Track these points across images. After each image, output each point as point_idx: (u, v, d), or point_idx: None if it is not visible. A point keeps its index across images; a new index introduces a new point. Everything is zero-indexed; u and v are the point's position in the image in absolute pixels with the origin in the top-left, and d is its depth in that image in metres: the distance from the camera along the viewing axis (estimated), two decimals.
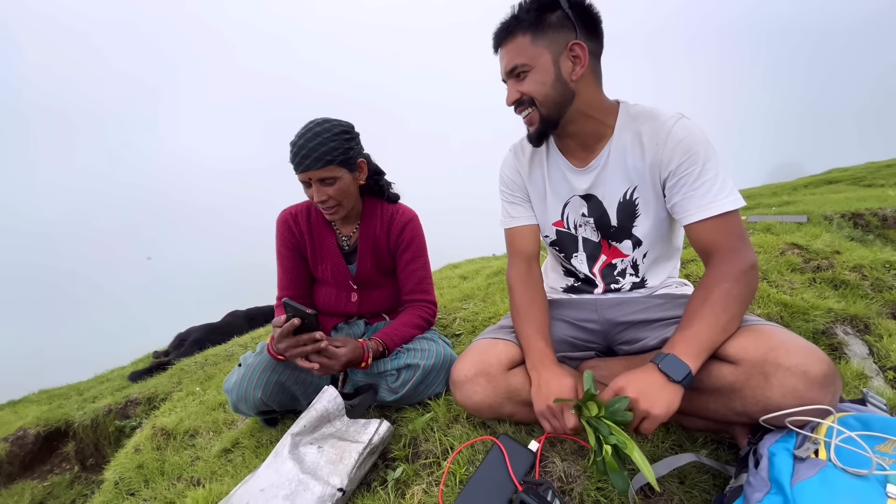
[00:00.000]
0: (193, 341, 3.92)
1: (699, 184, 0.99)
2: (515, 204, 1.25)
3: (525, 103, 1.05)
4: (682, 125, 1.01)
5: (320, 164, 1.26)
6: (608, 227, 1.14)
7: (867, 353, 1.46)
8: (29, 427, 3.11)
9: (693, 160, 0.99)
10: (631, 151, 1.07)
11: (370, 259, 1.50)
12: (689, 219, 1.01)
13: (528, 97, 1.04)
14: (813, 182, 8.14)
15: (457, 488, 1.04)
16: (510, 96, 1.06)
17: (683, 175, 1.00)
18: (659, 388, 0.85)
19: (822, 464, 0.75)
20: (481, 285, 2.72)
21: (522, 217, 1.25)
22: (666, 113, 1.04)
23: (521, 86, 1.03)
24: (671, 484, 0.99)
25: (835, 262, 1.98)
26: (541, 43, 1.00)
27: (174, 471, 1.53)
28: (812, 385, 0.80)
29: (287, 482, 1.04)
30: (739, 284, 0.93)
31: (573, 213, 1.18)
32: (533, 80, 1.02)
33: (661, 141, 1.02)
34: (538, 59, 1.01)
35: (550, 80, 1.02)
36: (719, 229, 0.98)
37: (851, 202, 4.14)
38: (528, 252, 1.24)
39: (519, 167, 1.23)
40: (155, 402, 2.82)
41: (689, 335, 0.90)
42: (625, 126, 1.08)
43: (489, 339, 1.18)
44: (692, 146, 0.99)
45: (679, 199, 1.02)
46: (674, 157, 1.00)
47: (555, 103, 1.03)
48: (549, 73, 1.01)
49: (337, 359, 1.23)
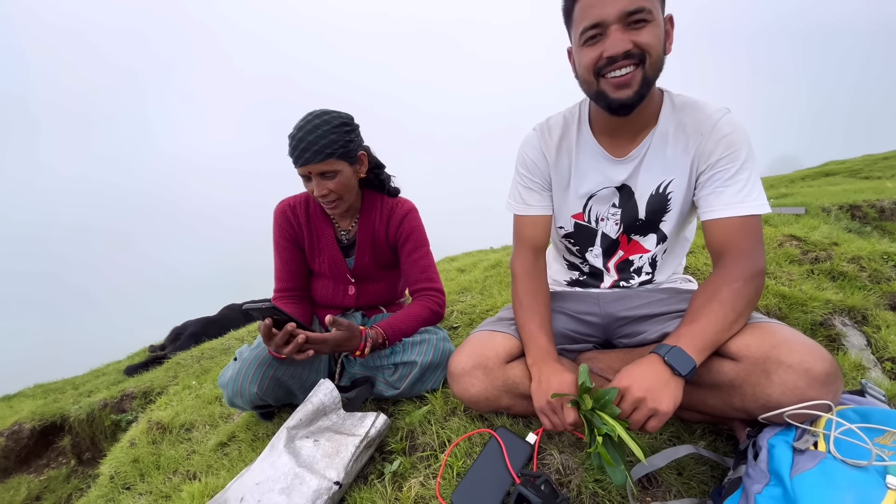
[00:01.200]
0: (189, 335, 3.90)
1: (733, 181, 0.96)
2: (533, 190, 1.17)
3: (634, 57, 0.88)
4: (728, 119, 0.98)
5: (320, 158, 1.23)
6: (634, 221, 1.10)
7: (865, 344, 1.46)
8: (24, 421, 3.10)
9: (734, 157, 0.96)
10: (673, 142, 1.03)
11: (368, 253, 1.48)
12: (713, 214, 0.98)
13: (642, 51, 0.88)
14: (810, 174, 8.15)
15: (454, 481, 1.04)
16: (620, 44, 0.87)
17: (721, 170, 0.97)
18: (664, 383, 0.83)
19: (822, 455, 0.75)
20: (479, 278, 2.71)
21: (538, 206, 1.17)
22: (712, 105, 1.01)
23: (637, 35, 0.87)
24: (669, 475, 0.99)
25: (833, 254, 1.97)
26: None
27: (170, 464, 1.52)
28: (813, 383, 0.79)
29: (283, 476, 1.03)
30: (749, 287, 0.92)
31: (599, 205, 1.12)
32: (652, 32, 0.88)
33: (706, 132, 0.99)
34: (657, 14, 0.89)
35: (662, 40, 0.91)
36: (740, 230, 0.95)
37: (849, 194, 4.14)
38: (538, 243, 1.19)
39: (545, 150, 1.13)
40: (151, 396, 2.81)
41: (695, 329, 0.88)
42: (669, 115, 1.03)
43: (487, 332, 1.17)
44: (736, 142, 0.96)
45: (708, 192, 0.99)
46: (716, 149, 0.97)
47: (659, 68, 0.92)
48: (662, 32, 0.91)
49: (325, 342, 1.19)
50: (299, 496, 1.00)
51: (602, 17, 0.87)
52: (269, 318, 1.13)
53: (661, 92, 1.05)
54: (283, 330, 1.13)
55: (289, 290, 1.50)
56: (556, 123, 1.13)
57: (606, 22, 0.87)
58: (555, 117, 1.15)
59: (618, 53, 0.88)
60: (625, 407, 0.84)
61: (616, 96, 0.92)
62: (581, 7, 0.91)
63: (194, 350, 3.31)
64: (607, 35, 0.88)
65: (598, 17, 0.88)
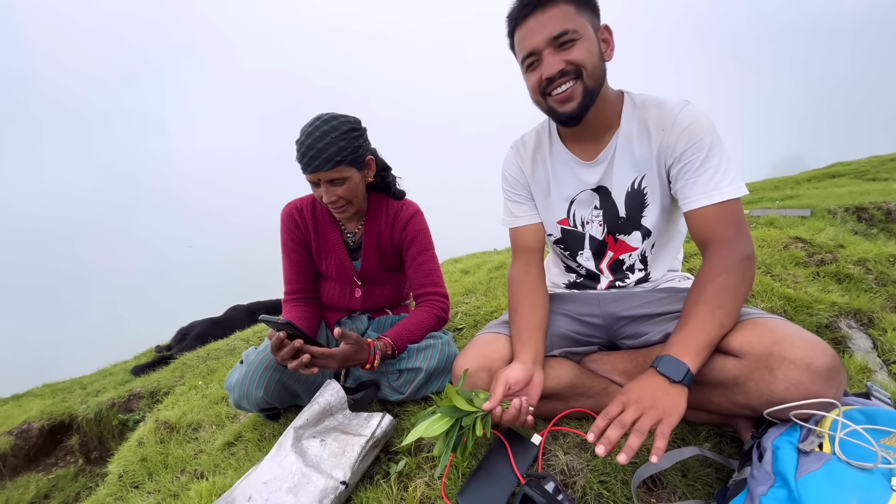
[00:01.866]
0: (195, 335, 3.93)
1: (703, 170, 0.98)
2: (518, 203, 1.24)
3: (570, 74, 0.97)
4: (688, 111, 1.00)
5: (330, 166, 1.22)
6: (616, 220, 1.13)
7: (871, 347, 1.46)
8: (33, 420, 3.13)
9: (698, 146, 0.98)
10: (637, 140, 1.06)
11: (374, 255, 1.48)
12: (689, 205, 1.00)
13: (576, 66, 0.96)
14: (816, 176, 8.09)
15: (459, 481, 1.04)
16: (553, 66, 0.96)
17: (688, 161, 0.99)
18: (663, 392, 0.84)
19: (827, 457, 0.75)
20: (483, 279, 2.71)
21: (525, 216, 1.23)
22: (672, 100, 1.04)
23: (568, 54, 0.96)
24: (674, 477, 0.99)
25: (839, 256, 1.96)
26: (584, 16, 0.97)
27: (178, 464, 1.53)
28: (816, 378, 0.80)
29: (290, 475, 1.04)
30: (733, 276, 0.92)
31: (581, 209, 1.17)
32: (582, 48, 0.96)
33: (667, 126, 1.01)
34: (585, 29, 0.97)
35: (596, 53, 0.98)
36: (718, 218, 0.97)
37: (855, 196, 4.12)
38: (531, 250, 1.23)
39: (521, 164, 1.21)
40: (158, 396, 2.83)
41: (684, 335, 0.90)
42: (631, 115, 1.07)
43: (491, 334, 1.18)
44: (698, 132, 0.98)
45: (682, 184, 1.02)
46: (679, 142, 1.00)
47: (599, 77, 1.00)
48: (595, 46, 0.98)
49: (332, 357, 1.19)
50: (306, 495, 1.01)
51: (533, 45, 0.97)
52: (284, 332, 1.13)
53: (622, 93, 1.09)
54: (290, 345, 1.13)
55: (298, 292, 1.50)
56: (530, 139, 1.21)
57: (538, 49, 0.97)
58: (528, 133, 1.22)
59: (553, 74, 0.97)
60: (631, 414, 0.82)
61: (562, 111, 1.01)
62: (517, 40, 1.02)
63: (200, 350, 3.33)
64: (542, 59, 0.98)
65: (531, 46, 0.98)
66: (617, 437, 0.79)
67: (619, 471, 1.02)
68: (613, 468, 1.02)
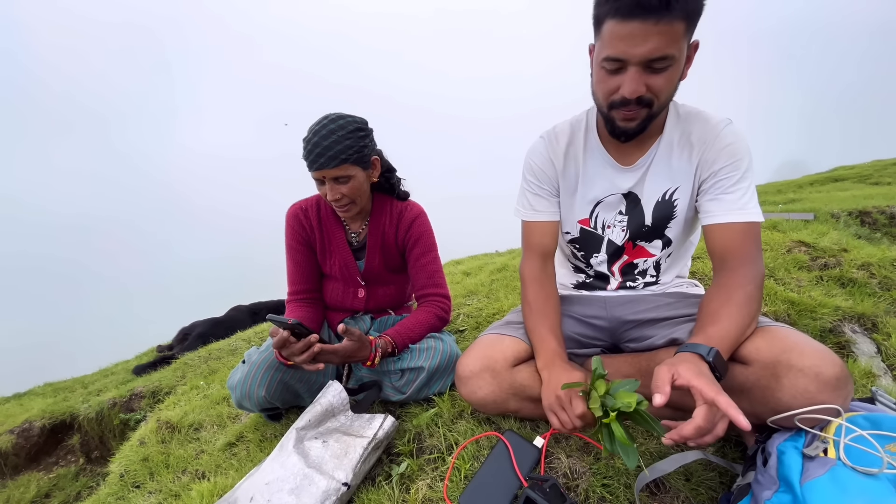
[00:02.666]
0: (197, 335, 3.94)
1: (734, 189, 0.99)
2: (541, 197, 1.19)
3: (643, 102, 0.91)
4: (731, 130, 1.01)
5: (335, 163, 1.23)
6: (641, 227, 1.12)
7: (875, 352, 1.45)
8: (35, 419, 3.13)
9: (736, 166, 0.99)
10: (678, 151, 1.06)
11: (378, 255, 1.49)
12: (715, 219, 1.00)
13: (651, 96, 0.90)
14: (818, 180, 8.07)
15: (462, 483, 1.04)
16: (634, 87, 0.88)
17: (724, 178, 1.00)
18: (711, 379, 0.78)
19: (832, 462, 0.75)
20: (485, 281, 2.71)
21: (546, 212, 1.19)
22: (716, 116, 1.04)
23: (654, 80, 0.88)
24: (677, 481, 0.99)
25: (842, 260, 1.96)
26: (687, 37, 0.87)
27: (179, 464, 1.53)
28: (824, 387, 0.79)
29: (292, 476, 1.04)
30: (758, 291, 0.95)
31: (605, 212, 1.15)
32: (668, 77, 0.88)
33: (709, 141, 1.02)
34: (681, 54, 0.87)
35: (676, 80, 0.92)
36: (743, 236, 0.98)
37: (858, 200, 4.10)
38: (546, 248, 1.20)
39: (553, 157, 1.16)
40: (159, 396, 2.83)
41: (721, 331, 0.88)
42: (674, 125, 1.06)
43: (495, 335, 1.18)
44: (738, 152, 1.00)
45: (710, 198, 1.02)
46: (719, 158, 1.00)
47: (666, 104, 0.96)
48: (680, 68, 0.90)
49: (335, 353, 1.20)
50: (308, 496, 1.01)
51: (626, 55, 0.86)
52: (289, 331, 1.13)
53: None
54: (303, 340, 1.14)
55: (302, 292, 1.51)
56: (563, 131, 1.16)
57: (629, 61, 0.87)
58: (561, 125, 1.17)
59: (630, 97, 0.90)
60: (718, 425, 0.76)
61: (621, 125, 0.97)
62: (610, 31, 0.87)
63: (202, 350, 3.33)
64: (626, 72, 0.88)
65: (623, 54, 0.86)
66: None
67: (622, 474, 1.02)
68: (616, 471, 1.02)
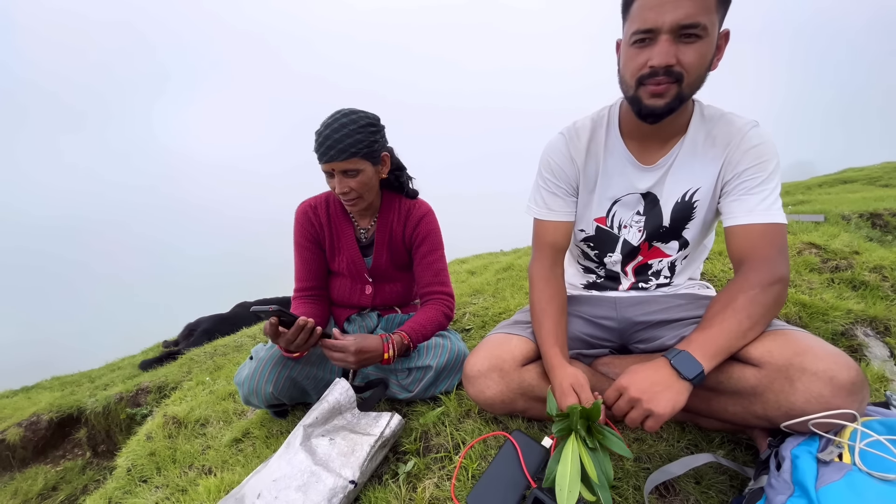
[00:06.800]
0: (203, 331, 3.96)
1: (759, 190, 0.97)
2: (557, 196, 1.16)
3: (673, 75, 0.88)
4: (757, 132, 0.99)
5: (345, 156, 1.25)
6: (658, 228, 1.11)
7: (888, 356, 1.43)
8: (42, 413, 3.16)
9: (762, 167, 0.97)
10: (702, 152, 1.03)
11: (386, 252, 1.49)
12: (735, 220, 0.98)
13: (681, 70, 0.87)
14: (827, 181, 7.99)
15: (469, 483, 1.04)
16: (665, 56, 0.86)
17: (748, 179, 0.98)
18: (665, 386, 0.83)
19: (847, 468, 0.73)
20: (490, 280, 2.70)
21: (562, 212, 1.16)
22: (742, 118, 1.02)
23: (684, 53, 0.86)
24: (687, 484, 0.98)
25: (854, 263, 1.93)
26: (718, 14, 0.86)
27: (185, 459, 1.54)
28: (838, 392, 0.78)
29: (299, 473, 1.04)
30: (767, 294, 0.91)
31: (623, 211, 1.13)
32: (699, 51, 0.86)
33: (734, 143, 1.00)
34: (713, 29, 0.86)
35: (707, 60, 0.89)
36: (762, 237, 0.95)
37: (869, 202, 4.05)
38: (558, 248, 1.18)
39: (574, 154, 1.12)
40: (165, 391, 2.85)
41: (707, 336, 0.88)
42: (699, 125, 1.04)
43: (503, 335, 1.17)
44: (764, 154, 0.97)
45: (732, 199, 1.00)
46: (744, 159, 0.98)
47: (697, 86, 0.92)
48: (711, 50, 0.88)
49: (345, 349, 1.20)
50: (315, 494, 1.00)
51: (657, 23, 0.86)
52: (276, 318, 1.14)
53: (693, 102, 1.05)
54: (294, 325, 1.15)
55: (308, 289, 1.52)
56: (584, 127, 1.13)
57: (660, 29, 0.86)
58: (581, 121, 1.15)
59: (660, 66, 0.87)
60: (621, 405, 0.86)
61: (649, 103, 0.93)
62: (640, 5, 0.88)
63: (207, 346, 3.35)
64: (656, 42, 0.87)
65: (653, 22, 0.86)
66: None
67: (631, 476, 1.01)
68: (626, 473, 1.01)
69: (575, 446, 0.86)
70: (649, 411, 0.82)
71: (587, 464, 0.84)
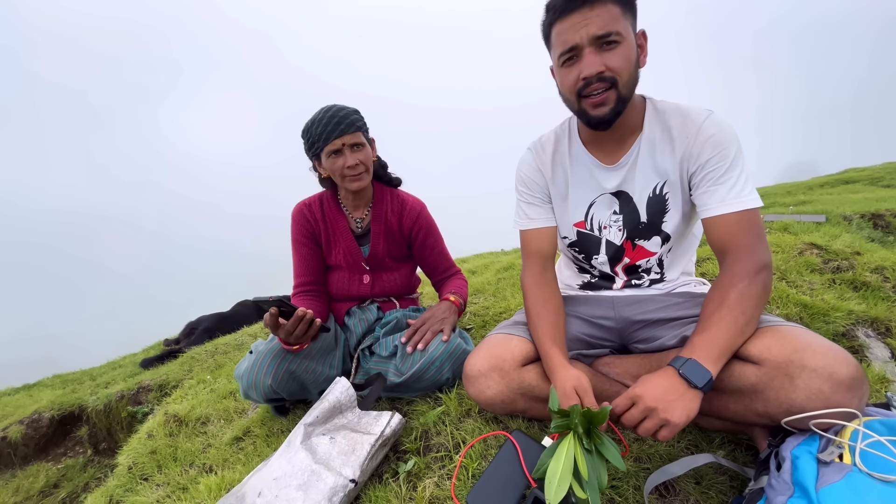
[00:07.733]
0: (203, 330, 3.97)
1: (725, 179, 0.98)
2: (534, 205, 1.22)
3: (606, 81, 0.95)
4: (712, 120, 1.00)
5: (353, 129, 1.36)
6: (637, 225, 1.12)
7: (889, 357, 1.43)
8: (44, 410, 3.18)
9: (723, 155, 0.98)
10: (660, 146, 1.06)
11: (382, 241, 1.55)
12: (709, 212, 1.00)
13: (612, 74, 0.95)
14: (829, 182, 7.98)
15: (469, 482, 1.04)
16: (593, 66, 0.94)
17: (712, 169, 0.99)
18: (678, 395, 0.83)
19: (848, 468, 0.73)
20: (491, 280, 2.70)
21: (540, 219, 1.22)
22: (696, 108, 1.03)
23: (609, 59, 0.94)
24: (687, 484, 0.98)
25: (855, 264, 1.93)
26: (627, 19, 0.95)
27: (186, 457, 1.55)
28: (838, 388, 0.78)
29: (300, 472, 1.04)
30: (755, 285, 0.91)
31: (599, 212, 1.16)
32: (622, 54, 0.94)
33: (691, 135, 1.01)
34: (627, 33, 0.95)
35: (633, 60, 0.97)
36: (738, 226, 0.96)
37: (871, 202, 4.04)
38: (545, 254, 1.22)
39: (541, 166, 1.20)
40: (166, 389, 2.86)
41: (708, 339, 0.88)
42: (653, 121, 1.07)
43: (503, 335, 1.17)
44: (723, 141, 0.98)
45: (702, 191, 1.01)
46: (704, 150, 1.00)
47: (632, 85, 0.99)
48: (633, 52, 0.97)
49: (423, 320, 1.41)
50: (316, 492, 1.01)
51: (576, 41, 0.95)
52: (276, 308, 1.18)
53: (644, 99, 1.09)
54: (294, 316, 1.20)
55: (307, 284, 1.56)
56: (549, 140, 1.20)
57: (581, 45, 0.95)
58: (546, 135, 1.21)
59: (591, 75, 0.95)
60: (635, 414, 0.85)
61: (595, 114, 1.00)
62: (556, 32, 0.98)
63: (208, 345, 3.36)
64: (582, 57, 0.96)
65: (573, 41, 0.95)
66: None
67: (632, 476, 1.01)
68: (626, 473, 1.01)
69: (571, 444, 0.86)
70: (665, 420, 0.82)
71: (580, 462, 0.84)
